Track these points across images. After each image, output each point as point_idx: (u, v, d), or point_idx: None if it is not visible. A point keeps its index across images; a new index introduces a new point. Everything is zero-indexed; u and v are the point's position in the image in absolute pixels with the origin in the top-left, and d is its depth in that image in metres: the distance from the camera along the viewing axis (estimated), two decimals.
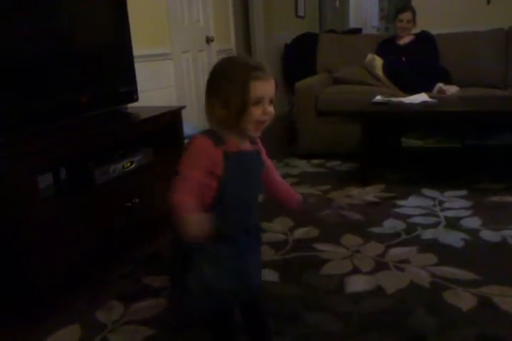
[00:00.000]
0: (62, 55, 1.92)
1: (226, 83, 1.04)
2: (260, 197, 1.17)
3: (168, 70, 3.18)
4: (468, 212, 2.27)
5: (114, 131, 1.99)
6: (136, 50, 2.45)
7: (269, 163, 1.19)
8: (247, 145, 1.11)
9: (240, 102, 1.03)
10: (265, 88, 1.05)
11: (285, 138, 4.01)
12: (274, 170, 1.21)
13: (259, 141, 1.16)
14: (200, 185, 1.05)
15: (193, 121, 3.41)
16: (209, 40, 3.74)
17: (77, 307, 1.62)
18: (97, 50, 2.17)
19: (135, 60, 2.41)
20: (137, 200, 2.00)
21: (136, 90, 2.39)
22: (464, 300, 1.54)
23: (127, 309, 1.58)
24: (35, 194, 1.59)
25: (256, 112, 1.04)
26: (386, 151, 2.89)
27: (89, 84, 2.10)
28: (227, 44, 4.17)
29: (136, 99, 2.39)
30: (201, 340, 1.41)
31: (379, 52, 3.61)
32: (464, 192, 2.53)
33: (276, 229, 2.18)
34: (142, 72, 2.58)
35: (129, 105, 2.42)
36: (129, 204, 1.97)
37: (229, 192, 1.07)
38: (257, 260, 1.20)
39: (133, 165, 2.06)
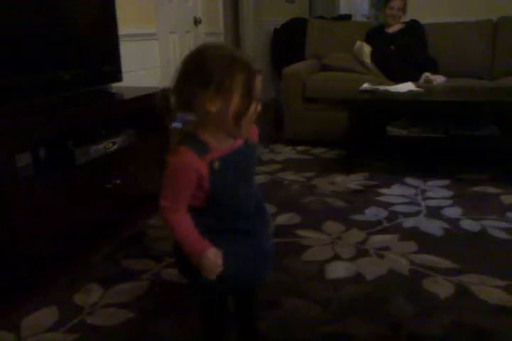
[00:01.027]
0: (44, 31, 1.87)
1: (227, 79, 0.94)
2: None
3: (153, 51, 3.12)
4: (449, 202, 2.29)
5: (96, 111, 1.95)
6: (122, 29, 2.39)
7: (255, 140, 1.12)
8: (234, 141, 1.04)
9: (245, 101, 0.96)
10: (259, 84, 0.99)
11: (271, 124, 3.99)
12: None
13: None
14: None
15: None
16: (197, 22, 3.67)
17: (55, 289, 1.59)
18: (81, 28, 2.11)
19: (120, 39, 2.35)
20: (118, 182, 1.97)
21: (120, 70, 2.34)
22: (442, 288, 1.56)
23: (106, 292, 1.57)
24: (13, 174, 1.55)
25: (252, 110, 0.98)
26: (371, 139, 2.89)
27: (72, 61, 2.05)
28: (216, 27, 4.09)
29: (120, 79, 2.35)
30: (181, 322, 1.41)
31: (368, 39, 3.59)
32: (446, 182, 2.55)
33: None
34: (127, 51, 2.52)
35: (113, 85, 2.37)
36: (110, 186, 1.93)
37: (220, 196, 1.04)
38: (264, 245, 1.16)
39: (115, 146, 2.02)
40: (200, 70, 0.96)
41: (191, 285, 1.25)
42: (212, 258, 1.02)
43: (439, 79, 3.21)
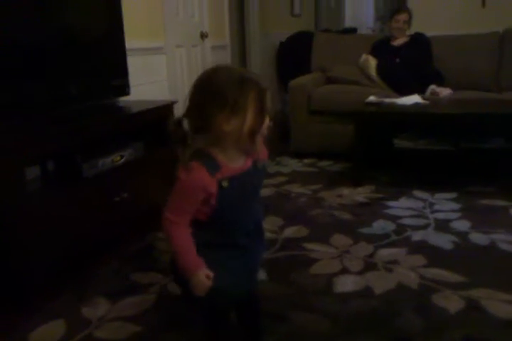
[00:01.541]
0: (53, 46, 1.89)
1: (240, 99, 0.97)
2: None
3: (160, 64, 3.15)
4: (457, 215, 2.27)
5: (104, 124, 1.97)
6: (129, 43, 2.42)
7: (262, 162, 1.14)
8: (244, 162, 1.07)
9: (258, 118, 1.00)
10: (269, 100, 1.02)
11: (277, 137, 4.00)
12: None
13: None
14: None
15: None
16: (203, 36, 3.71)
17: (62, 302, 1.59)
18: (89, 42, 2.14)
19: (128, 53, 2.38)
20: (126, 195, 1.98)
21: (128, 84, 2.36)
22: (451, 303, 1.54)
23: (113, 305, 1.56)
24: (21, 187, 1.56)
25: (265, 125, 1.02)
26: (378, 152, 2.88)
27: (80, 76, 2.07)
28: (222, 40, 4.14)
29: (128, 93, 2.37)
30: (188, 335, 1.40)
31: (373, 52, 3.61)
32: (454, 195, 2.53)
33: (265, 227, 2.15)
34: (134, 65, 2.55)
35: (121, 99, 2.39)
36: (118, 199, 1.94)
37: (225, 213, 1.07)
38: (258, 259, 1.20)
39: (123, 159, 2.03)
40: (213, 94, 0.98)
41: (184, 297, 1.26)
42: (202, 279, 1.04)
43: (445, 92, 3.22)
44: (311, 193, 2.64)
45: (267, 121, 1.02)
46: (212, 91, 0.99)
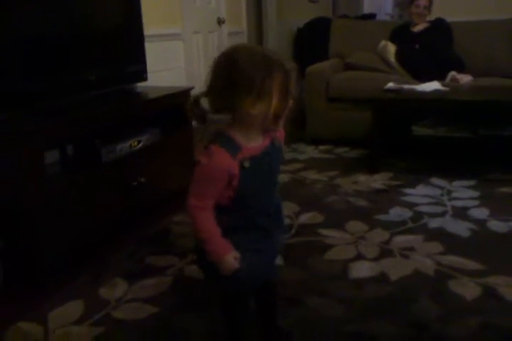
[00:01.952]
0: (71, 33, 1.90)
1: (266, 83, 0.96)
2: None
3: (178, 51, 3.15)
4: (476, 202, 2.25)
5: (121, 110, 1.98)
6: (147, 30, 2.42)
7: (281, 141, 1.16)
8: (262, 141, 1.08)
9: (284, 100, 1.00)
10: (294, 81, 1.02)
11: (294, 123, 3.97)
12: None
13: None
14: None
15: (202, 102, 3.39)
16: (220, 22, 3.70)
17: (80, 284, 1.62)
18: (107, 29, 2.15)
19: (146, 39, 2.38)
20: (143, 180, 2.00)
21: (146, 70, 2.37)
22: (468, 290, 1.53)
23: (131, 287, 1.59)
24: (41, 171, 1.59)
25: (289, 107, 1.03)
26: (396, 139, 2.85)
27: (98, 62, 2.08)
28: (239, 27, 4.12)
29: (145, 79, 2.38)
30: (205, 316, 1.42)
31: (392, 38, 3.55)
32: (472, 182, 2.50)
33: None
34: (152, 51, 2.55)
35: (138, 85, 2.40)
36: (135, 184, 1.96)
37: (247, 195, 1.07)
38: (278, 242, 1.21)
39: (140, 145, 2.05)
40: (239, 78, 0.97)
41: (208, 281, 1.28)
42: (231, 261, 1.06)
43: (465, 78, 3.15)
44: (327, 180, 2.63)
45: (290, 103, 1.02)
46: (237, 75, 0.97)
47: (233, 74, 0.97)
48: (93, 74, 2.01)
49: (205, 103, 1.06)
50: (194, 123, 1.07)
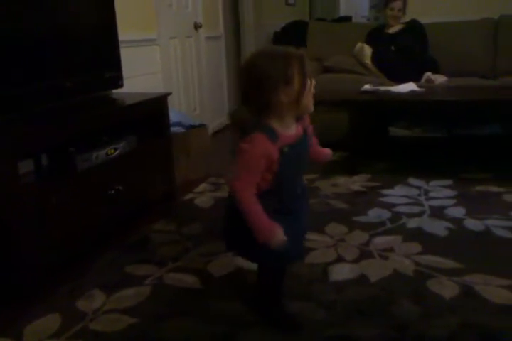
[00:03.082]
0: (45, 40, 1.87)
1: (289, 71, 1.11)
2: None
3: (154, 56, 3.13)
4: (452, 202, 2.28)
5: (97, 117, 1.96)
6: (122, 35, 2.40)
7: (310, 130, 1.28)
8: (296, 129, 1.21)
9: (304, 81, 1.13)
10: (308, 64, 1.17)
11: None
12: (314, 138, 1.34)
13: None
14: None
15: (180, 109, 3.37)
16: (197, 27, 3.68)
17: (57, 296, 1.59)
18: (81, 35, 2.12)
19: (120, 45, 2.36)
20: (121, 188, 1.97)
21: (121, 76, 2.35)
22: (447, 289, 1.54)
23: (109, 298, 1.56)
24: (15, 181, 1.56)
25: (310, 87, 1.17)
26: (373, 140, 2.88)
27: (73, 69, 2.05)
28: (216, 31, 4.11)
29: (121, 85, 2.35)
30: (184, 326, 1.40)
31: (368, 40, 3.58)
32: (449, 182, 2.54)
33: None
34: (128, 57, 2.53)
35: (114, 91, 2.38)
36: (113, 192, 1.94)
37: (284, 178, 1.20)
38: (306, 221, 1.35)
39: (117, 152, 2.03)
40: (265, 74, 1.11)
41: (256, 260, 1.38)
42: (281, 237, 1.16)
43: (440, 79, 3.20)
44: (307, 183, 2.63)
45: (313, 82, 1.16)
46: (262, 72, 1.11)
47: (257, 74, 1.12)
48: (67, 81, 1.99)
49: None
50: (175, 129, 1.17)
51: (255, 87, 1.13)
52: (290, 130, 1.20)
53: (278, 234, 1.17)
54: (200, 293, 1.58)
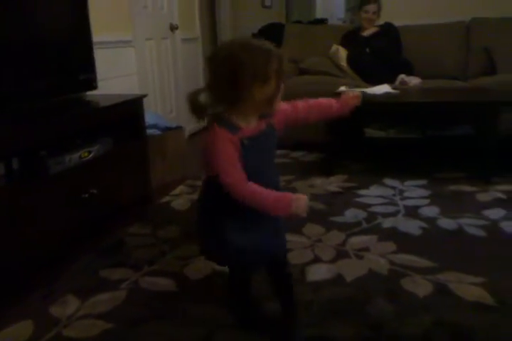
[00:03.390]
0: (17, 41, 1.84)
1: (267, 67, 1.07)
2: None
3: (130, 58, 3.10)
4: (426, 201, 2.31)
5: (70, 120, 1.93)
6: (97, 37, 2.37)
7: (287, 108, 1.26)
8: (258, 124, 1.18)
9: (279, 82, 1.11)
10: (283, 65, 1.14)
11: None
12: (296, 108, 1.29)
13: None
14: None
15: (156, 111, 3.35)
16: (173, 28, 3.67)
17: (29, 302, 1.56)
18: (54, 36, 2.09)
19: (95, 46, 2.33)
20: (95, 191, 1.95)
21: (95, 78, 2.32)
22: (420, 287, 1.57)
23: (83, 303, 1.54)
24: None
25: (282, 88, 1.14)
26: (349, 141, 2.91)
27: (45, 70, 2.02)
28: (193, 32, 4.10)
29: (96, 87, 2.32)
30: (160, 331, 1.39)
31: (343, 43, 3.62)
32: (423, 182, 2.58)
33: None
34: (102, 59, 2.50)
35: (89, 93, 2.35)
36: (87, 195, 1.91)
37: (250, 173, 1.15)
38: (280, 221, 1.30)
39: (91, 155, 2.00)
40: (244, 69, 1.06)
41: (221, 262, 1.38)
42: (299, 196, 1.10)
43: (414, 81, 3.25)
44: (284, 184, 2.64)
45: (283, 85, 1.13)
46: (241, 67, 1.06)
47: (236, 68, 1.06)
48: (40, 83, 1.95)
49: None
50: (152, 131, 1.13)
51: (229, 80, 1.08)
52: (250, 124, 1.17)
53: (297, 198, 1.09)
54: (177, 296, 1.57)
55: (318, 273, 1.68)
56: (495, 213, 2.14)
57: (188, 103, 1.15)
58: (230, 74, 1.07)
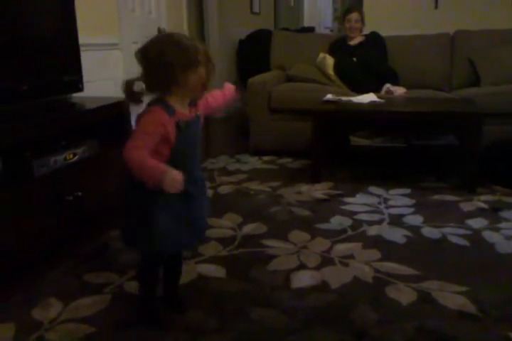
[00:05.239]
0: (2, 41, 1.81)
1: (198, 55, 1.21)
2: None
3: (116, 60, 3.08)
4: (411, 210, 2.34)
5: (55, 121, 1.91)
6: (83, 39, 2.36)
7: (207, 97, 1.38)
8: (190, 111, 1.29)
9: (210, 69, 1.25)
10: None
11: (237, 135, 4.00)
12: (213, 97, 1.42)
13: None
14: (152, 151, 1.20)
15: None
16: (161, 32, 3.66)
17: (11, 305, 1.53)
18: (40, 37, 2.07)
19: (81, 48, 2.31)
20: (80, 194, 1.92)
21: (81, 80, 2.30)
22: (404, 295, 1.58)
23: (66, 307, 1.52)
24: None
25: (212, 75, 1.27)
26: (335, 149, 2.93)
27: (30, 71, 2.00)
28: None
29: (81, 89, 2.30)
30: (143, 335, 1.37)
31: (331, 51, 3.66)
32: (407, 191, 2.61)
33: (225, 224, 2.17)
34: (89, 61, 2.48)
35: (74, 95, 2.32)
36: (71, 198, 1.88)
37: (178, 156, 1.25)
38: (205, 205, 1.39)
39: (76, 157, 1.98)
40: (176, 59, 1.18)
41: (138, 249, 1.46)
42: (174, 172, 1.16)
43: (399, 91, 3.30)
44: (271, 190, 2.65)
45: (214, 72, 1.26)
46: (172, 58, 1.18)
47: (167, 59, 1.18)
48: (25, 83, 1.93)
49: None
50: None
51: (164, 65, 1.18)
52: (185, 110, 1.28)
53: (170, 172, 1.15)
54: (161, 301, 1.55)
55: (303, 279, 1.69)
56: (478, 223, 2.17)
57: (123, 91, 1.25)
58: (163, 66, 1.18)
